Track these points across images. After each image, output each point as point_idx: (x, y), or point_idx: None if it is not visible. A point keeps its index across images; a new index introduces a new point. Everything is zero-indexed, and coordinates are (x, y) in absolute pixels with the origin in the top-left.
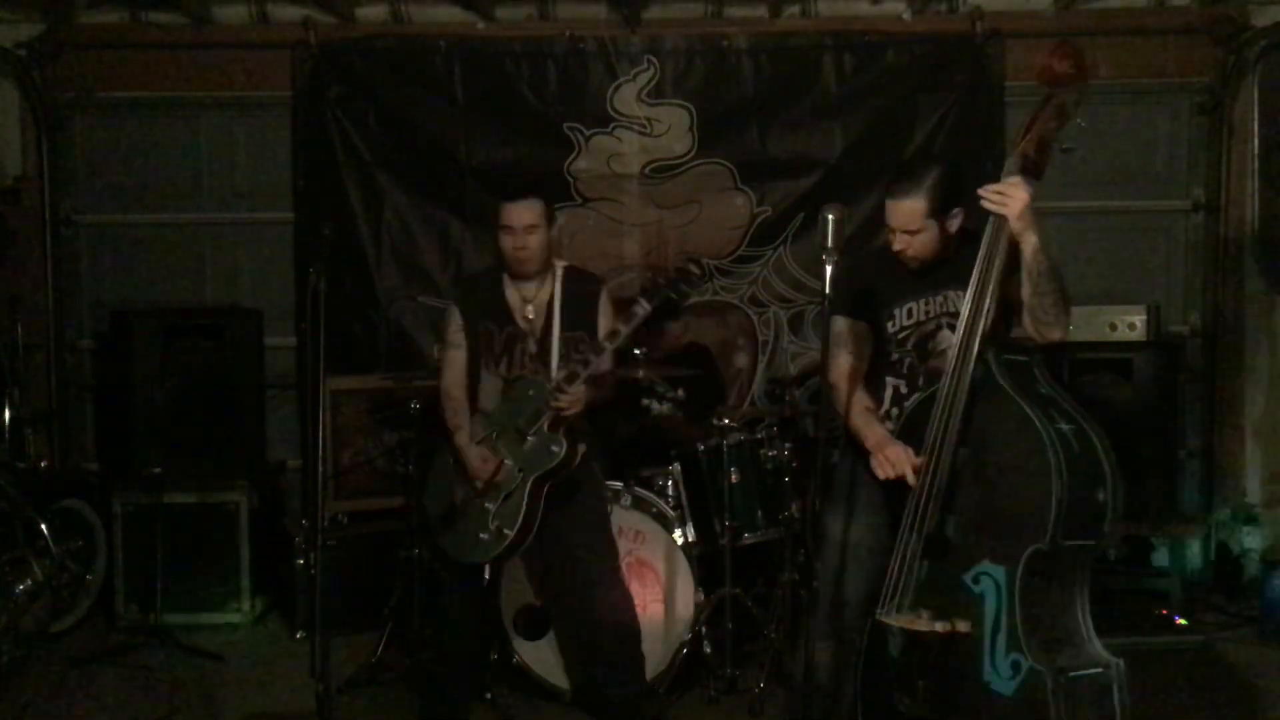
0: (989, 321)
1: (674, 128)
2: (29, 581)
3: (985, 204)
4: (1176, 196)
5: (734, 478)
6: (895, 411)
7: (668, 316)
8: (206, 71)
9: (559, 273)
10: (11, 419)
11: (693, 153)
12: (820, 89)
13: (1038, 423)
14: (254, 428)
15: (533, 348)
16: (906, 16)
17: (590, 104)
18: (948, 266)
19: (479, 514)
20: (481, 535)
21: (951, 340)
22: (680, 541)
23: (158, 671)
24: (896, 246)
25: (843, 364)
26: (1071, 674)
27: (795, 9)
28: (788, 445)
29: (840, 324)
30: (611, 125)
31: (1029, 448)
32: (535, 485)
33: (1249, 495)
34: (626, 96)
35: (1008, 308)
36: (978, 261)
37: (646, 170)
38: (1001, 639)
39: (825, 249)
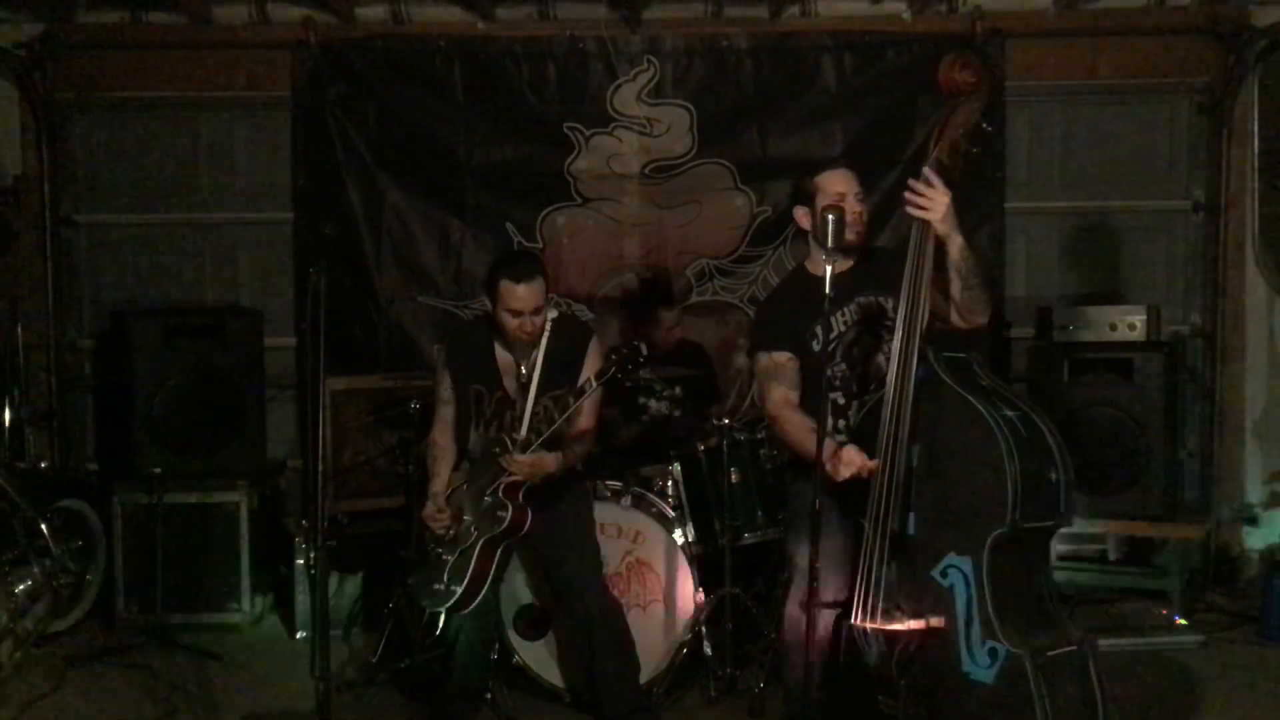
0: (924, 321)
1: (674, 128)
2: (29, 581)
3: (910, 210)
4: (1176, 196)
5: (734, 478)
6: (842, 424)
7: (664, 305)
8: (206, 71)
9: (546, 328)
10: (11, 419)
11: (693, 153)
12: (820, 89)
13: (984, 411)
14: (254, 428)
15: (519, 410)
16: (906, 16)
17: (590, 104)
18: (849, 278)
19: (438, 564)
20: (435, 585)
21: (884, 344)
22: (680, 541)
23: (158, 671)
24: (856, 209)
25: (777, 395)
26: (1050, 654)
27: (795, 9)
28: None
29: (764, 359)
30: (611, 125)
31: (979, 436)
32: (485, 546)
33: (1249, 495)
34: (626, 96)
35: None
36: (908, 265)
37: (646, 170)
38: (976, 629)
39: (825, 249)
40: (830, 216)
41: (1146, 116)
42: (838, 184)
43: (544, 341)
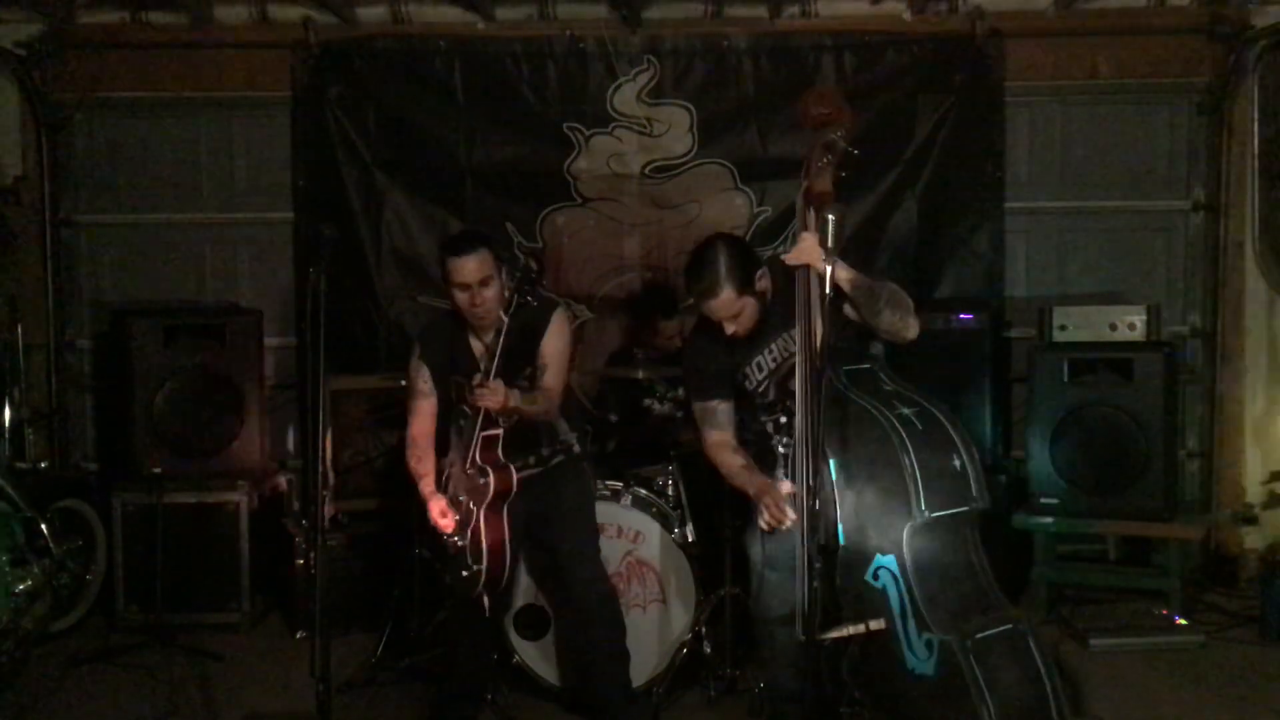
0: (820, 344)
1: (674, 128)
2: (29, 581)
3: (788, 260)
4: (1176, 196)
5: None
6: (787, 441)
7: (664, 315)
8: (206, 71)
9: (513, 307)
10: (11, 419)
11: (693, 153)
12: None
13: (877, 413)
14: (254, 428)
15: None
16: (906, 16)
17: (590, 104)
18: (766, 320)
19: (459, 552)
20: (464, 572)
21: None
22: (680, 541)
23: (158, 671)
24: (730, 330)
25: (711, 438)
26: (979, 636)
27: (795, 9)
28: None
29: (697, 407)
30: (611, 125)
31: (876, 438)
32: (488, 515)
33: (1249, 495)
34: (626, 96)
35: (858, 328)
36: (797, 305)
37: (646, 170)
38: (911, 623)
39: (825, 249)
40: (831, 217)
41: (1146, 116)
42: (712, 313)
43: (506, 323)
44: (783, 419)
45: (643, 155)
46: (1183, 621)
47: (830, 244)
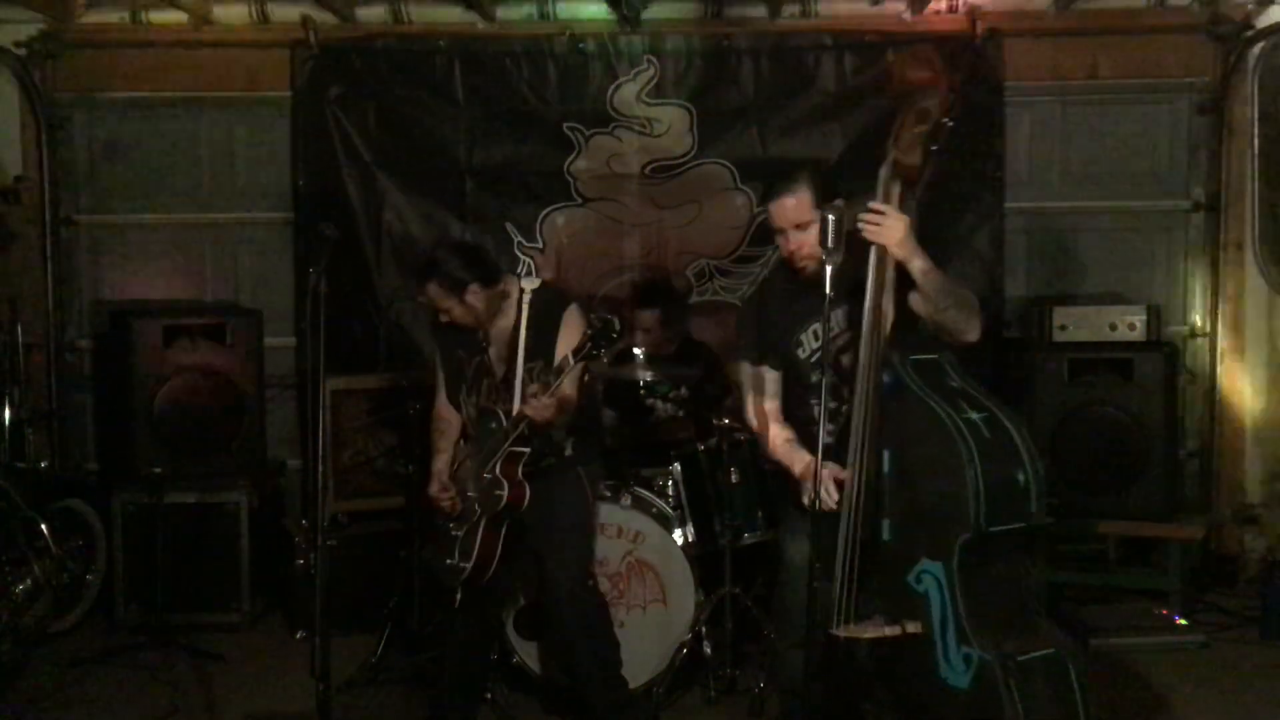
0: (886, 332)
1: (674, 128)
2: (29, 581)
3: (864, 232)
4: (1176, 196)
5: (734, 478)
6: (831, 428)
7: (643, 305)
8: (206, 71)
9: (526, 298)
10: (11, 419)
11: (693, 153)
12: (820, 89)
13: (944, 415)
14: (254, 428)
15: (497, 378)
16: (906, 16)
17: (590, 104)
18: (840, 282)
19: (448, 539)
20: (448, 560)
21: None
22: (680, 541)
23: (158, 671)
24: (791, 248)
25: (760, 404)
26: (1021, 658)
27: (795, 9)
28: None
29: (746, 370)
30: (611, 125)
31: (940, 441)
32: (488, 524)
33: (1249, 495)
34: (626, 96)
35: (914, 317)
36: (869, 286)
37: (646, 170)
38: (950, 634)
39: (825, 249)
40: (830, 217)
41: (1146, 116)
42: (776, 218)
43: (525, 314)
44: (831, 404)
45: (643, 155)
46: (1183, 621)
47: (830, 243)
